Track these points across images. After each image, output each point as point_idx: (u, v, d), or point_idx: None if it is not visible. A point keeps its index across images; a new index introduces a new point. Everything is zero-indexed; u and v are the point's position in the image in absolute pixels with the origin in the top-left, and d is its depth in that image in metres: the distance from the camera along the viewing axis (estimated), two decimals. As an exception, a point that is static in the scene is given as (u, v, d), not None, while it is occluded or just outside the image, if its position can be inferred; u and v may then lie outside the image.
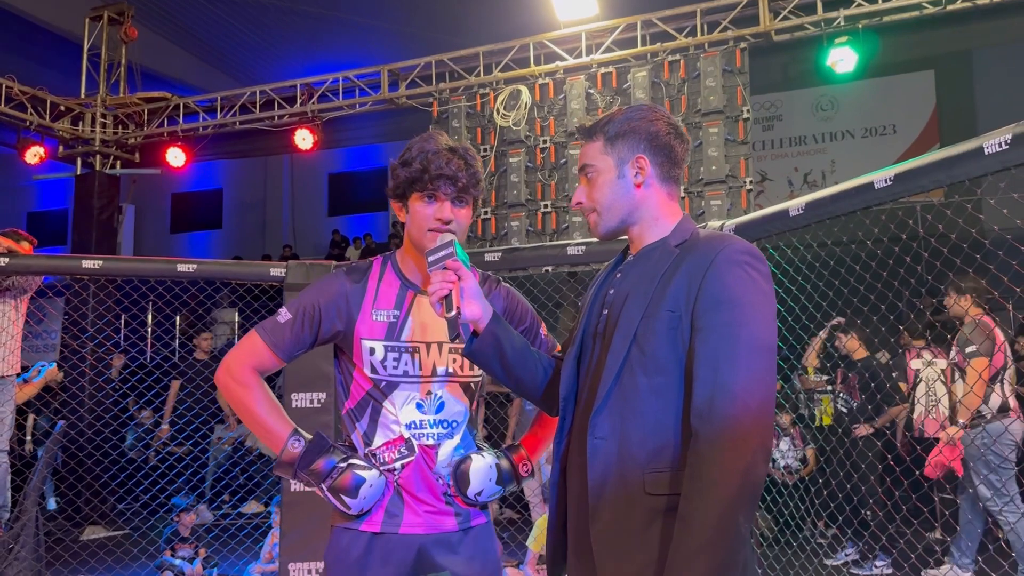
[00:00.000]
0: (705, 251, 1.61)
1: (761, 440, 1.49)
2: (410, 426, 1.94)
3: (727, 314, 1.54)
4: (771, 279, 1.61)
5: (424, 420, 1.95)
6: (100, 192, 9.08)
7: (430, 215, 1.93)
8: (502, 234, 7.15)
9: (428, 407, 1.96)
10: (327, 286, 2.00)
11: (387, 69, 7.94)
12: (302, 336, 1.97)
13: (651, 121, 1.73)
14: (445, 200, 1.93)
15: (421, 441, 1.94)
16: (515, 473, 2.04)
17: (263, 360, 1.97)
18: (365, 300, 1.98)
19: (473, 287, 1.76)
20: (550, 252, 4.93)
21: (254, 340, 1.97)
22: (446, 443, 1.96)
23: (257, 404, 1.94)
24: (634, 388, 1.60)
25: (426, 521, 1.94)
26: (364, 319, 1.96)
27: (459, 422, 1.99)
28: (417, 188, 1.94)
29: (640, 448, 1.57)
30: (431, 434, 1.95)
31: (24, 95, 8.34)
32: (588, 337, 1.77)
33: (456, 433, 1.98)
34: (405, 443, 1.94)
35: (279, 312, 1.99)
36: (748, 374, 1.51)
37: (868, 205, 3.44)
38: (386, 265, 2.05)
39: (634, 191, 1.73)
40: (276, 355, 1.97)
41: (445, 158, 1.92)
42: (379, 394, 1.96)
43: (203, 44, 13.12)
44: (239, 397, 1.96)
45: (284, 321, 1.97)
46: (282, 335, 1.96)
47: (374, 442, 1.96)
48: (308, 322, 1.96)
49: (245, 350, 1.98)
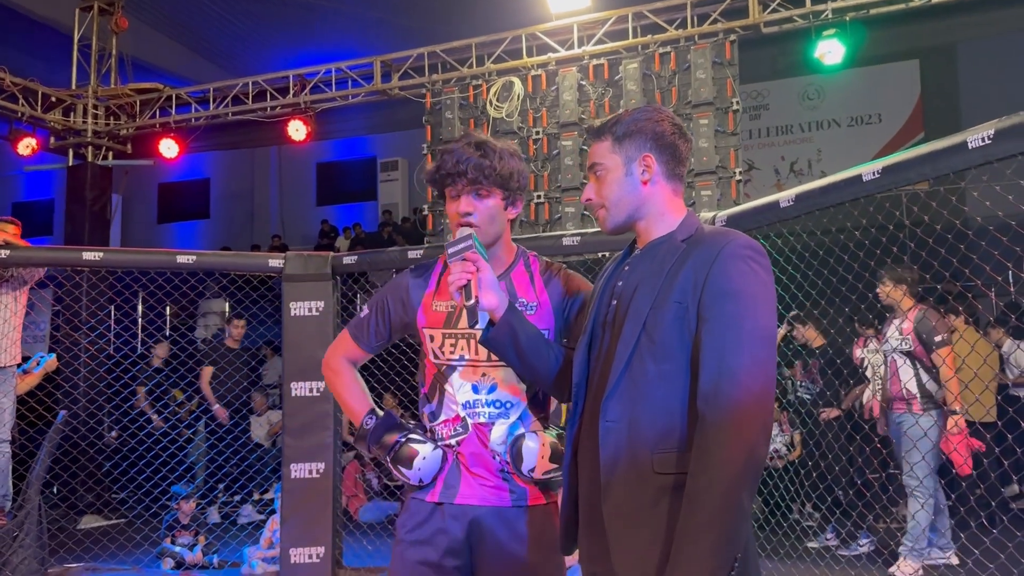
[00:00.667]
0: (711, 246, 1.71)
1: (763, 422, 1.60)
2: (465, 406, 2.10)
3: (731, 305, 1.64)
4: (771, 272, 1.72)
5: (478, 400, 2.10)
6: (92, 183, 9.11)
7: (455, 211, 2.08)
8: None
9: (482, 388, 2.11)
10: (396, 282, 2.23)
11: (380, 60, 8.00)
12: (380, 329, 2.22)
13: (657, 122, 1.83)
14: (462, 195, 2.06)
15: (475, 420, 2.10)
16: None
17: (351, 351, 2.26)
18: (427, 293, 2.17)
19: (490, 278, 1.88)
20: (545, 243, 5.03)
21: (344, 336, 2.28)
22: (500, 422, 2.10)
23: (343, 387, 2.24)
24: (643, 374, 1.70)
25: (479, 493, 2.08)
26: (425, 310, 2.15)
27: (513, 404, 2.11)
28: (440, 187, 2.11)
29: (649, 430, 1.68)
30: (484, 413, 2.10)
31: (16, 86, 8.34)
32: (598, 326, 1.87)
33: (512, 413, 2.11)
34: (460, 422, 2.10)
35: (362, 309, 2.26)
36: (751, 361, 1.61)
37: (857, 197, 3.56)
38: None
39: (641, 188, 1.83)
40: (359, 347, 2.25)
41: (457, 155, 2.05)
42: (442, 377, 2.13)
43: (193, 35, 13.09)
44: (331, 381, 2.27)
45: (364, 317, 2.24)
46: (363, 329, 2.24)
47: (438, 419, 2.14)
48: (381, 316, 2.21)
49: (338, 343, 2.29)
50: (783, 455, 6.68)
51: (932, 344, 4.99)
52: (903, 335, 5.14)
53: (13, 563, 4.88)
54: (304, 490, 5.10)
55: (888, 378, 5.24)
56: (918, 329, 5.05)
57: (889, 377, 5.22)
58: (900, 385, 5.12)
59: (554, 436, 2.14)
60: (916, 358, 5.07)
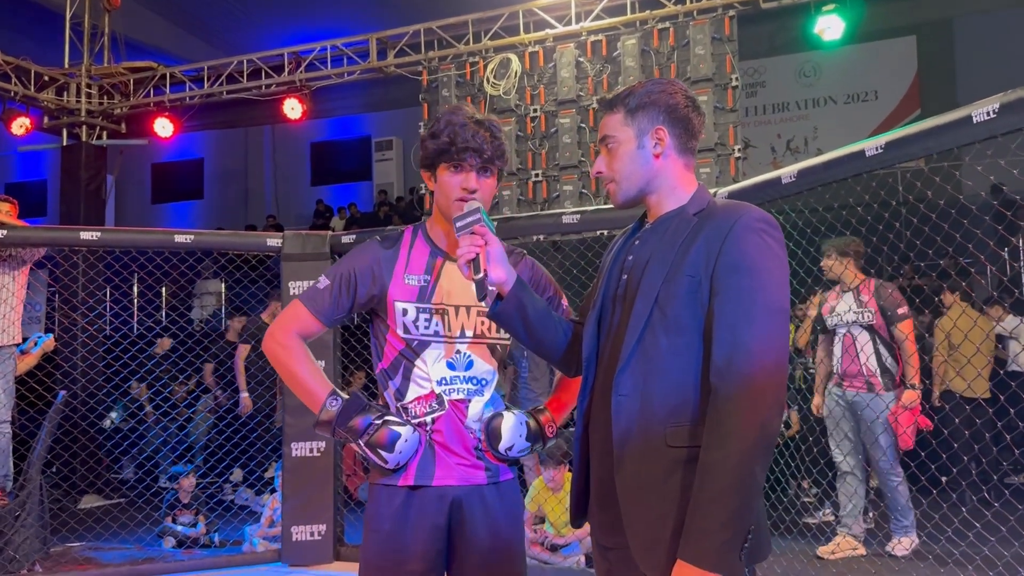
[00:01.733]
0: (724, 219, 1.71)
1: (776, 395, 1.61)
2: (441, 382, 2.06)
3: (744, 279, 1.64)
4: (784, 245, 1.72)
5: (455, 376, 2.07)
6: (87, 163, 9.05)
7: (456, 184, 2.03)
8: (493, 204, 7.18)
9: (458, 365, 2.07)
10: (362, 253, 2.13)
11: (375, 37, 7.94)
12: (341, 300, 2.10)
13: (670, 94, 1.82)
14: (471, 171, 2.04)
15: (451, 396, 2.06)
16: (541, 433, 2.16)
17: (306, 325, 2.11)
18: (397, 265, 2.11)
19: (499, 251, 1.87)
20: (545, 221, 5.02)
21: (296, 307, 2.12)
22: (476, 399, 2.08)
23: (298, 365, 2.08)
24: (656, 348, 1.70)
25: (458, 474, 2.05)
26: (397, 283, 2.09)
27: (488, 381, 2.11)
28: (445, 159, 2.05)
29: (661, 404, 1.68)
30: (461, 389, 2.07)
31: (8, 65, 8.26)
32: (608, 301, 1.87)
33: (486, 391, 2.10)
34: (436, 398, 2.06)
35: (319, 280, 2.13)
36: (764, 334, 1.61)
37: (859, 172, 3.55)
38: (417, 233, 2.18)
39: (653, 161, 1.82)
40: (318, 319, 2.11)
41: (472, 130, 2.03)
42: (411, 353, 2.08)
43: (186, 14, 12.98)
44: (282, 359, 2.09)
45: (323, 287, 2.11)
46: (322, 301, 2.10)
47: (406, 397, 2.08)
48: (346, 287, 2.09)
49: (288, 316, 2.13)
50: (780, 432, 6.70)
51: (896, 317, 4.86)
52: (863, 307, 4.95)
53: (15, 543, 4.89)
54: (305, 468, 5.12)
55: (840, 354, 5.02)
56: (881, 302, 4.91)
57: (842, 353, 5.01)
58: (859, 363, 4.92)
59: (523, 413, 2.15)
60: (875, 332, 4.92)
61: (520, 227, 4.91)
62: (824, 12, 6.51)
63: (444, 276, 2.11)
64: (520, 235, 4.85)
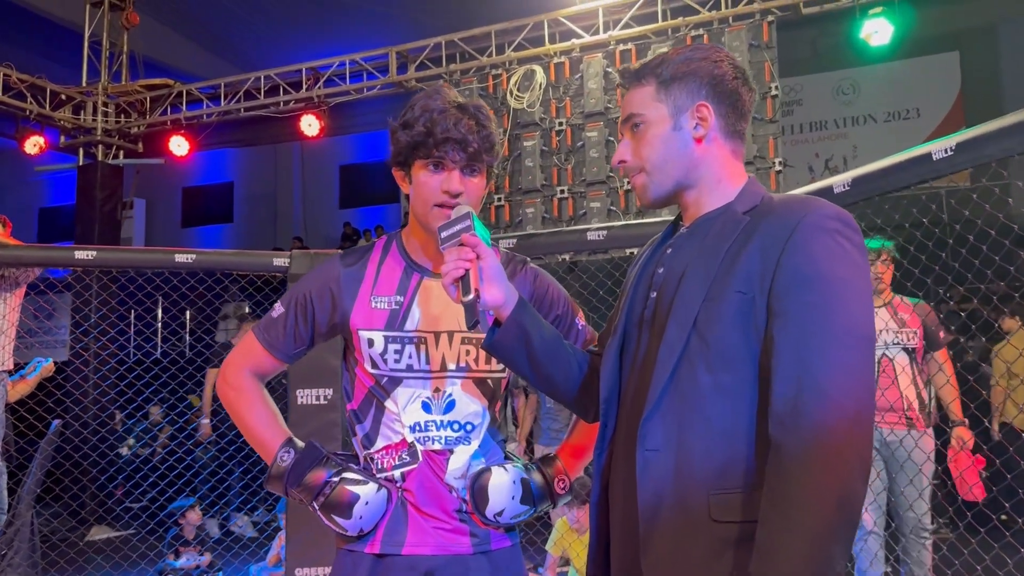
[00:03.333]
0: (785, 217, 1.30)
1: (860, 451, 1.19)
2: (414, 428, 1.66)
3: (815, 294, 1.23)
4: (866, 251, 1.30)
5: (431, 422, 1.67)
6: (103, 183, 8.85)
7: (436, 187, 1.63)
8: (516, 221, 6.86)
9: (436, 407, 1.67)
10: (319, 273, 1.74)
11: (395, 51, 7.65)
12: (299, 331, 1.73)
13: (715, 62, 1.42)
14: (454, 168, 1.63)
15: (427, 446, 1.66)
16: (549, 490, 1.74)
17: (259, 362, 1.76)
18: (363, 286, 1.71)
19: (495, 267, 1.46)
20: (568, 238, 4.63)
21: (250, 341, 1.77)
22: (460, 449, 1.67)
23: (248, 410, 1.74)
24: (695, 387, 1.29)
25: (434, 540, 1.65)
26: (361, 307, 1.70)
27: (475, 425, 1.70)
28: (421, 155, 1.64)
29: (704, 463, 1.27)
30: (439, 438, 1.66)
31: (23, 83, 8.08)
32: (632, 326, 1.46)
33: (473, 438, 1.69)
34: (408, 448, 1.66)
35: (274, 307, 1.75)
36: (843, 369, 1.20)
37: (924, 179, 3.10)
38: (389, 246, 1.77)
39: (693, 146, 1.41)
40: (273, 356, 1.75)
41: (453, 118, 1.62)
42: (381, 391, 1.68)
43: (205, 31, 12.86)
44: (232, 404, 1.76)
45: (277, 316, 1.74)
46: (276, 333, 1.74)
47: (374, 445, 1.69)
48: (301, 315, 1.72)
49: (241, 351, 1.78)
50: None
51: (939, 342, 4.11)
52: (904, 326, 4.13)
53: (1, 583, 4.56)
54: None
55: None
56: (925, 322, 4.10)
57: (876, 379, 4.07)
58: (897, 393, 4.03)
59: (520, 467, 1.73)
60: (914, 357, 4.12)
61: (542, 245, 4.52)
62: (871, 16, 6.07)
63: (421, 297, 1.70)
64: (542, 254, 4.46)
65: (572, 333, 1.80)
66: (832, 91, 13.53)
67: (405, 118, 1.66)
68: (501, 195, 6.95)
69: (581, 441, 1.83)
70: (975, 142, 2.83)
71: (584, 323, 1.83)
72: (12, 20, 10.92)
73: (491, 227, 6.97)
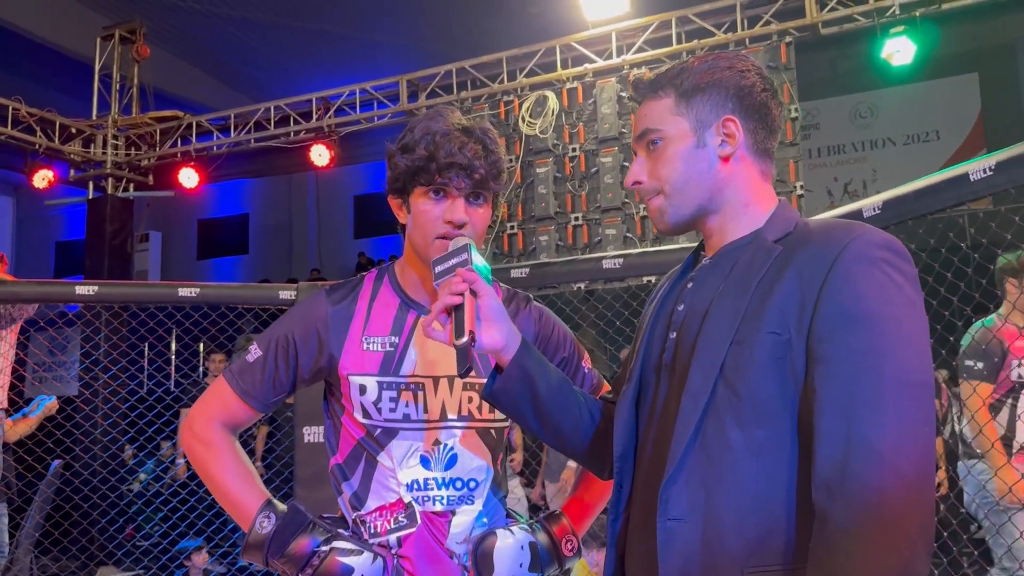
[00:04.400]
0: (825, 246, 1.12)
1: (922, 523, 1.00)
2: (412, 486, 1.49)
3: (863, 336, 1.05)
4: (919, 285, 1.12)
5: (431, 479, 1.49)
6: (113, 216, 8.78)
7: (438, 216, 1.47)
8: (530, 250, 6.69)
9: (436, 462, 1.50)
10: (303, 311, 1.56)
11: (405, 79, 7.55)
12: (277, 378, 1.55)
13: (741, 72, 1.25)
14: (458, 196, 1.47)
15: (427, 507, 1.49)
16: (556, 552, 1.56)
17: (232, 412, 1.57)
18: (353, 326, 1.54)
19: (494, 306, 1.29)
20: (583, 267, 4.47)
21: (221, 387, 1.57)
22: (463, 509, 1.50)
23: (220, 468, 1.55)
24: (724, 445, 1.11)
25: None
26: (351, 350, 1.52)
27: (479, 482, 1.52)
28: (422, 181, 1.48)
29: (736, 534, 1.09)
30: (440, 497, 1.49)
31: (32, 117, 8.05)
32: (649, 371, 1.28)
33: (476, 497, 1.52)
34: (405, 509, 1.49)
35: (250, 348, 1.56)
36: (899, 424, 1.02)
37: (961, 201, 2.92)
38: (381, 280, 1.60)
39: (719, 166, 1.25)
40: (247, 404, 1.56)
41: (458, 141, 1.46)
42: (373, 444, 1.51)
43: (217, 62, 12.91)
44: (200, 459, 1.56)
45: (254, 360, 1.55)
46: (252, 379, 1.55)
47: (366, 506, 1.51)
48: (283, 359, 1.54)
49: (210, 400, 1.59)
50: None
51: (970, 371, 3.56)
52: None
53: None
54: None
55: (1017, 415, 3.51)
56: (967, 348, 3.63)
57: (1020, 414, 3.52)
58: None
59: (525, 528, 1.55)
60: None
61: (556, 274, 4.35)
62: (893, 35, 5.90)
63: (419, 338, 1.52)
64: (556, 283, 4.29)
65: (578, 377, 1.63)
66: (850, 114, 13.39)
67: (404, 141, 1.51)
68: (514, 223, 6.80)
69: (591, 498, 1.66)
70: (1015, 161, 2.65)
71: (591, 367, 1.66)
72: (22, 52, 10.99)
73: (504, 255, 6.81)
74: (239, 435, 1.61)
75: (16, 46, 10.78)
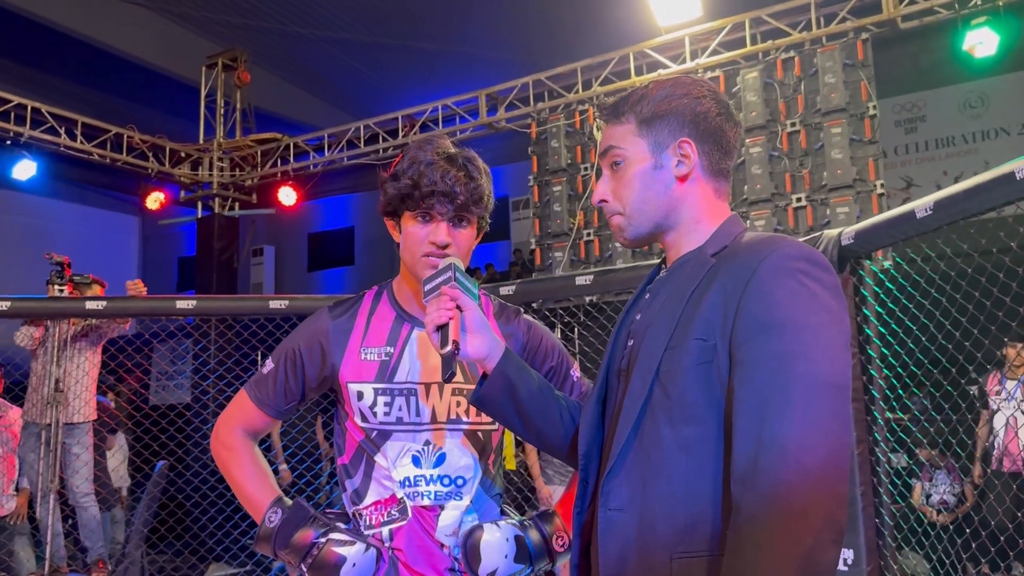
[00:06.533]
0: (747, 258, 1.22)
1: (827, 514, 1.08)
2: (404, 483, 1.63)
3: (777, 342, 1.14)
4: (840, 292, 1.19)
5: (420, 476, 1.63)
6: (220, 233, 9.34)
7: (424, 238, 1.62)
8: (606, 256, 6.77)
9: (426, 460, 1.64)
10: (307, 326, 1.74)
11: (485, 94, 7.75)
12: (289, 387, 1.72)
13: (697, 98, 1.35)
14: (441, 220, 1.62)
15: (417, 502, 1.63)
16: (547, 548, 1.68)
17: (251, 419, 1.76)
18: (352, 337, 1.70)
19: (477, 319, 1.43)
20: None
21: (242, 398, 1.78)
22: (451, 504, 1.64)
23: (239, 469, 1.74)
24: (657, 443, 1.22)
25: None
26: (351, 360, 1.68)
27: (466, 479, 1.66)
28: (408, 206, 1.64)
29: (667, 524, 1.19)
30: (428, 493, 1.63)
31: (144, 143, 8.67)
32: (612, 376, 1.40)
33: (464, 493, 1.65)
34: (397, 504, 1.63)
35: (265, 363, 1.75)
36: (807, 424, 1.10)
37: (1010, 200, 2.87)
38: (380, 296, 1.76)
39: (675, 186, 1.35)
40: (264, 412, 1.75)
41: (440, 170, 1.61)
42: (371, 445, 1.67)
43: (318, 81, 13.42)
44: (224, 462, 1.76)
45: (267, 372, 1.74)
46: (266, 389, 1.74)
47: (364, 501, 1.67)
48: (291, 370, 1.71)
49: (233, 409, 1.79)
50: (952, 508, 5.77)
51: None
52: None
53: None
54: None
55: None
56: None
57: None
58: None
59: (515, 524, 1.66)
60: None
61: (618, 280, 4.43)
62: (974, 26, 5.69)
63: (411, 348, 1.68)
64: (619, 290, 4.38)
65: (567, 385, 1.75)
66: (958, 104, 12.79)
67: (394, 170, 1.67)
68: (590, 230, 6.86)
69: None
70: (1061, 158, 2.60)
71: (579, 375, 1.78)
72: (135, 78, 11.73)
73: (581, 263, 6.90)
74: None
75: (129, 73, 11.52)
